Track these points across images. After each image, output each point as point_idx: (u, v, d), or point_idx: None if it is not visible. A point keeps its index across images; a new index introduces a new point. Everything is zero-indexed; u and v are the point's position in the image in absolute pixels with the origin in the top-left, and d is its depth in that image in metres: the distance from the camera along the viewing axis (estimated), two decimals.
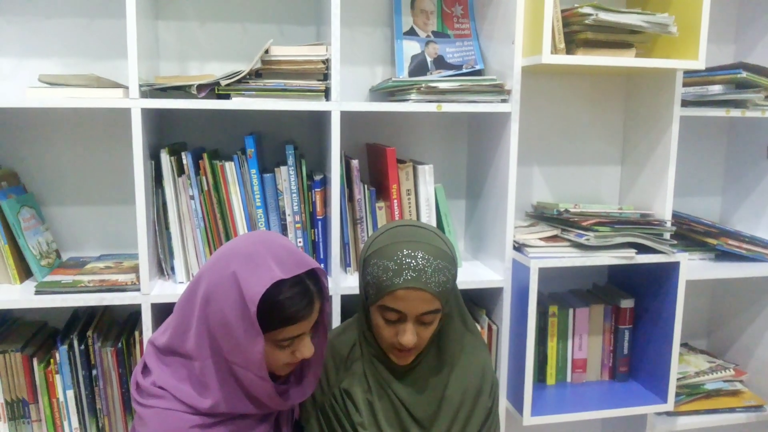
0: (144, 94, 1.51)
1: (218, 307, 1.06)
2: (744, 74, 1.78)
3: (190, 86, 1.51)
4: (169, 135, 1.77)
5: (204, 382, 1.11)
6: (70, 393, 1.57)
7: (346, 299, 1.62)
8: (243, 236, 1.18)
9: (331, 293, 1.60)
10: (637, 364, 1.96)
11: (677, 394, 1.90)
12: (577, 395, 1.89)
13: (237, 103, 1.52)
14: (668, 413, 1.96)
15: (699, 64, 1.67)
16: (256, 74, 1.57)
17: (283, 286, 1.06)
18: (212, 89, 1.52)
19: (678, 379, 1.90)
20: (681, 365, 2.01)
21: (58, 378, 1.57)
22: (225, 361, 1.10)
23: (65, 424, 1.59)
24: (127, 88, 1.48)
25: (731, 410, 1.99)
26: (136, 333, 1.60)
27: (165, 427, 1.09)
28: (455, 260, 1.24)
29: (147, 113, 1.52)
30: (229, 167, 1.58)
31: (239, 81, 1.52)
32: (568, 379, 1.97)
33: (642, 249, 1.75)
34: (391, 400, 1.27)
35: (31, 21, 1.68)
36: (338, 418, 1.27)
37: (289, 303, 1.07)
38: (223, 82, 1.51)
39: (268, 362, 1.10)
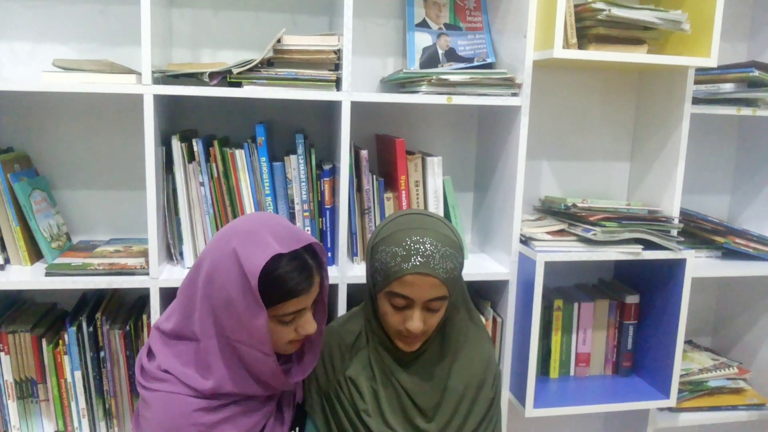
0: (156, 81, 1.52)
1: (220, 284, 1.08)
2: (756, 73, 1.78)
3: (202, 74, 1.51)
4: (181, 122, 1.78)
5: (207, 363, 1.12)
6: (78, 374, 1.59)
7: (352, 288, 1.63)
8: (241, 217, 1.20)
9: (337, 282, 1.61)
10: (640, 359, 1.96)
11: (680, 391, 1.91)
12: (580, 389, 1.90)
13: (248, 91, 1.53)
14: (670, 409, 1.97)
15: (711, 61, 1.67)
16: (268, 63, 1.57)
17: (281, 260, 1.09)
18: (224, 77, 1.53)
19: (681, 376, 1.91)
20: (685, 362, 2.02)
21: (66, 359, 1.59)
22: (228, 341, 1.11)
23: (72, 404, 1.62)
24: (140, 74, 1.49)
25: (733, 408, 2.00)
26: (144, 317, 1.62)
27: (169, 410, 1.11)
28: (462, 249, 1.25)
29: (159, 100, 1.53)
30: (239, 155, 1.59)
31: (251, 69, 1.53)
32: (572, 373, 1.97)
33: (649, 245, 1.75)
34: (395, 388, 1.28)
35: (47, 6, 1.69)
36: (343, 405, 1.28)
37: (288, 277, 1.09)
38: (235, 70, 1.51)
39: (272, 341, 1.12)
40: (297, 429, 1.30)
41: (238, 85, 1.54)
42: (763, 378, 2.08)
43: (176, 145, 1.56)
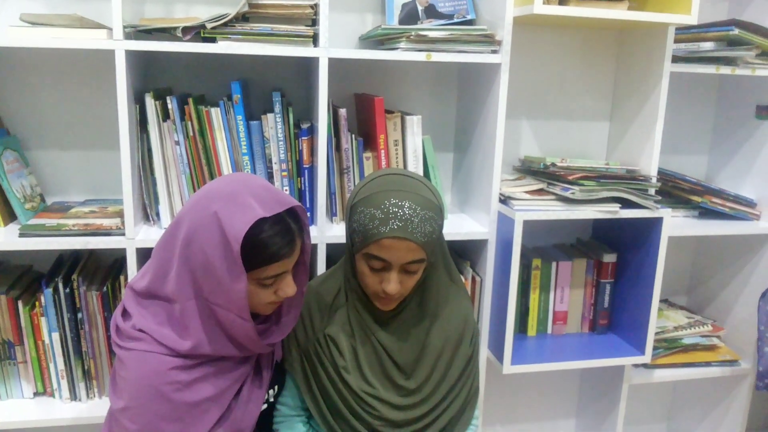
0: (128, 36, 1.47)
1: (200, 247, 1.07)
2: (736, 31, 1.77)
3: (175, 28, 1.48)
4: (154, 79, 1.74)
5: (184, 324, 1.12)
6: (56, 335, 1.58)
7: (331, 248, 1.63)
8: (221, 178, 1.18)
9: (316, 242, 1.61)
10: (617, 317, 1.99)
11: (655, 348, 1.94)
12: (557, 346, 1.93)
13: (223, 47, 1.49)
14: (645, 365, 2.01)
15: (691, 19, 1.66)
16: (243, 18, 1.54)
17: (264, 224, 1.07)
18: (198, 32, 1.49)
19: (656, 333, 1.94)
20: (660, 320, 2.05)
21: (43, 320, 1.57)
22: (206, 303, 1.11)
23: (51, 365, 1.61)
24: (111, 29, 1.45)
25: (707, 364, 2.05)
26: (121, 277, 1.61)
27: (145, 368, 1.11)
28: (442, 210, 1.24)
29: (131, 56, 1.49)
30: (215, 113, 1.56)
31: (225, 24, 1.49)
32: (549, 331, 2.00)
33: (626, 204, 1.76)
34: (374, 346, 1.29)
35: None
36: (322, 363, 1.29)
37: (271, 241, 1.08)
38: (209, 25, 1.48)
39: (252, 302, 1.12)
40: (276, 387, 1.31)
41: (213, 40, 1.50)
42: (737, 335, 2.12)
43: (150, 102, 1.52)
